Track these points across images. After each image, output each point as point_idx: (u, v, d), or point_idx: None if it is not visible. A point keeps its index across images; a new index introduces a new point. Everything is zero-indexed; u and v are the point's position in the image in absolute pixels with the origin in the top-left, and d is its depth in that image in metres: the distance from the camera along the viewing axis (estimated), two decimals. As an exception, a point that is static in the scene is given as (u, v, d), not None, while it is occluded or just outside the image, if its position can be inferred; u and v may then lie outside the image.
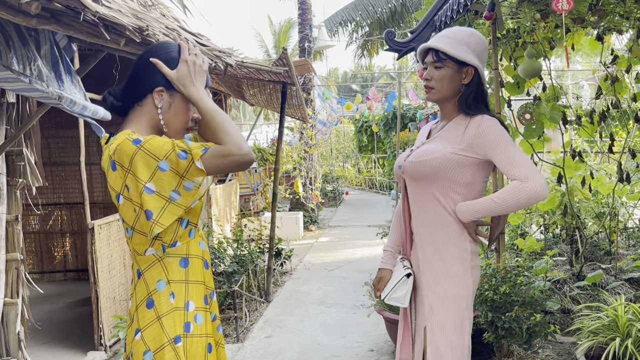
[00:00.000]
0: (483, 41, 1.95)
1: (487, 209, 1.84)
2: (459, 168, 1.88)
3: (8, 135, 2.53)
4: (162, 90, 1.55)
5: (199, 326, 1.58)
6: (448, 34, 1.94)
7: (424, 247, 1.97)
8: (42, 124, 6.24)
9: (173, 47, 1.61)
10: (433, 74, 1.93)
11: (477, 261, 1.98)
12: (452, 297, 1.90)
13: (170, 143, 1.46)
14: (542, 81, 4.72)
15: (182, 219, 1.59)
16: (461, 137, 1.89)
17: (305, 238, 8.91)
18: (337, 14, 14.31)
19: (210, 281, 1.70)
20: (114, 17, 1.58)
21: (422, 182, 1.94)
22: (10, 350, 2.61)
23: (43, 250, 6.64)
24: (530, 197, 1.77)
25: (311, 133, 10.06)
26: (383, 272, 2.13)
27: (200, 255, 1.65)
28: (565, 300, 4.43)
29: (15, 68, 2.04)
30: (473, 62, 1.89)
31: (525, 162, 1.79)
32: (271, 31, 31.04)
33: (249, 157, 1.48)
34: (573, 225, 5.31)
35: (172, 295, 1.54)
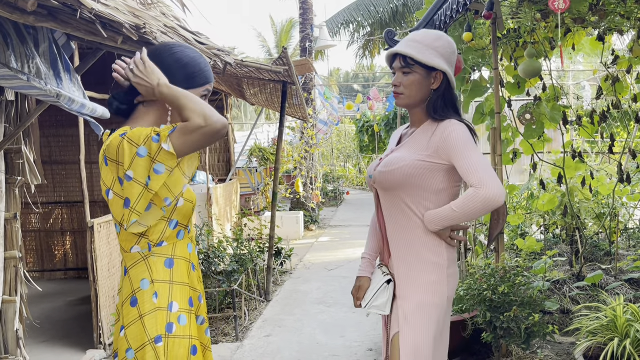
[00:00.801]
0: (451, 44, 1.92)
1: (449, 218, 1.81)
2: (427, 175, 1.85)
3: (7, 133, 2.53)
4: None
5: (182, 327, 1.56)
6: (415, 37, 1.90)
7: (400, 255, 1.93)
8: (43, 122, 6.25)
9: (177, 49, 1.63)
10: (401, 79, 1.89)
11: (454, 268, 1.94)
12: (427, 305, 1.85)
13: (149, 129, 1.48)
14: (542, 81, 4.71)
15: (170, 220, 1.59)
16: (427, 143, 1.86)
17: (306, 237, 8.91)
18: (339, 14, 14.31)
19: (197, 284, 1.69)
20: (110, 15, 1.58)
21: (393, 191, 1.90)
22: (9, 347, 2.61)
23: (43, 248, 6.65)
24: (484, 204, 1.72)
25: (312, 132, 10.06)
26: (361, 280, 2.07)
27: (187, 257, 1.65)
28: (565, 300, 4.42)
29: (13, 65, 2.05)
30: (441, 66, 1.86)
31: (482, 168, 1.74)
32: (273, 31, 31.04)
33: (218, 125, 1.47)
34: (573, 226, 5.30)
35: (155, 295, 1.54)
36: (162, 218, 1.58)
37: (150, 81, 1.52)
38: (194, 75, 1.61)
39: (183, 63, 1.59)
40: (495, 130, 3.70)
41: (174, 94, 1.50)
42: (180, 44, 1.66)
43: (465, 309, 3.51)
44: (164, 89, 1.51)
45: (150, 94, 1.55)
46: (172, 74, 1.57)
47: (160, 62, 1.57)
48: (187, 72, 1.60)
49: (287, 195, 9.83)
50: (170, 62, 1.58)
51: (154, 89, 1.52)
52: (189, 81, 1.59)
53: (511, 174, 8.47)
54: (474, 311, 3.37)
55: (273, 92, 5.86)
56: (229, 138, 8.29)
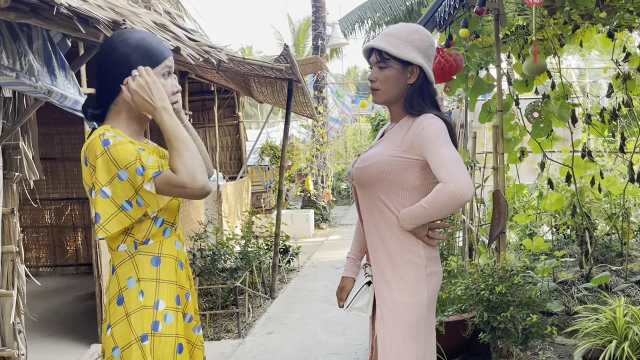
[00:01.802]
0: (428, 37, 1.87)
1: (420, 215, 1.76)
2: (402, 171, 1.81)
3: (5, 129, 2.58)
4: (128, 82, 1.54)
5: (169, 326, 1.56)
6: (391, 32, 1.86)
7: (377, 254, 1.89)
8: (55, 120, 6.36)
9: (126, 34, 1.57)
10: (377, 74, 1.86)
11: (435, 267, 1.88)
12: (403, 306, 1.81)
13: (134, 154, 1.45)
14: (551, 79, 4.63)
15: (156, 218, 1.58)
16: (402, 139, 1.83)
17: (316, 236, 8.91)
18: (353, 12, 14.25)
19: (186, 281, 1.68)
20: (87, 11, 1.59)
21: (368, 188, 1.87)
22: (6, 340, 2.66)
23: (56, 244, 6.76)
24: (451, 199, 1.68)
25: (322, 131, 10.05)
26: (345, 280, 2.05)
27: (174, 255, 1.64)
28: (572, 301, 4.35)
29: (4, 63, 2.08)
30: (417, 60, 1.81)
31: (451, 162, 1.69)
32: (290, 30, 31.07)
33: (202, 192, 1.46)
34: (583, 226, 5.21)
35: (141, 294, 1.54)
36: (150, 216, 1.57)
37: (153, 101, 1.50)
38: (148, 54, 1.56)
39: (133, 46, 1.55)
40: (498, 128, 3.65)
41: (174, 132, 1.47)
42: (130, 30, 1.61)
43: (465, 309, 3.47)
44: (165, 116, 1.49)
45: (144, 109, 1.53)
46: (128, 59, 1.54)
47: (112, 50, 1.54)
48: (141, 53, 1.55)
49: (299, 193, 9.84)
50: (122, 49, 1.54)
51: (153, 107, 1.50)
52: (145, 61, 1.55)
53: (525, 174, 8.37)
54: (473, 311, 3.34)
55: (279, 90, 5.87)
56: (240, 136, 8.33)
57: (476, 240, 4.61)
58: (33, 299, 5.47)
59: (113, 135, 1.50)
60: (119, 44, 1.55)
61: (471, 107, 4.54)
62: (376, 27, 15.28)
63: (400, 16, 14.20)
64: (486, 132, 7.90)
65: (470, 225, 4.83)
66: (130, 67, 1.54)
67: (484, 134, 8.20)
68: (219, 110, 7.51)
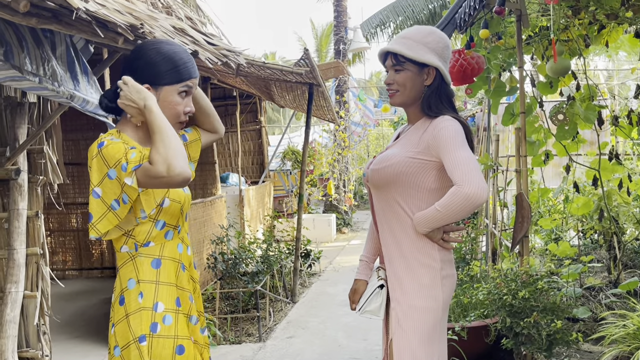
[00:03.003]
0: (442, 39, 1.86)
1: (434, 218, 1.74)
2: (419, 172, 1.79)
3: (30, 133, 2.64)
4: (147, 87, 1.57)
5: (167, 327, 1.56)
6: (406, 34, 1.86)
7: (392, 257, 1.87)
8: (81, 126, 6.49)
9: (155, 45, 1.60)
10: (394, 77, 1.86)
11: (450, 270, 1.87)
12: (419, 309, 1.79)
13: (122, 152, 1.47)
14: (576, 80, 4.55)
15: (157, 220, 1.60)
16: (419, 140, 1.81)
17: (338, 240, 8.90)
18: (375, 16, 14.21)
19: (188, 284, 1.68)
20: (105, 15, 1.62)
21: (384, 190, 1.85)
22: (30, 341, 2.71)
23: (81, 247, 6.88)
24: (465, 202, 1.65)
25: (344, 135, 10.04)
26: (358, 283, 2.04)
27: (176, 258, 1.65)
28: (599, 308, 4.24)
29: (28, 68, 2.12)
30: (433, 62, 1.81)
31: (465, 164, 1.68)
32: (313, 35, 31.20)
33: (180, 178, 1.45)
34: (611, 231, 5.09)
35: (140, 295, 1.56)
36: (148, 219, 1.59)
37: (136, 103, 1.53)
38: (176, 69, 1.59)
39: (165, 56, 1.58)
40: (520, 131, 3.59)
41: (154, 124, 1.50)
42: (167, 41, 1.64)
43: (488, 314, 3.41)
44: (147, 113, 1.51)
45: (134, 114, 1.56)
46: (155, 66, 1.57)
47: (143, 55, 1.57)
48: (170, 65, 1.58)
49: (321, 198, 9.84)
50: (152, 56, 1.57)
51: (139, 109, 1.53)
52: (170, 74, 1.58)
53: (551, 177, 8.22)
54: (495, 316, 3.28)
55: (300, 94, 5.88)
56: (262, 141, 8.38)
57: (499, 244, 4.54)
58: (59, 301, 5.59)
59: (111, 138, 1.53)
60: (151, 50, 1.58)
61: (493, 109, 4.48)
62: (398, 30, 15.21)
63: (423, 19, 14.12)
64: (511, 135, 7.79)
65: (493, 229, 4.76)
66: (155, 74, 1.57)
67: (509, 137, 8.09)
68: (241, 115, 7.57)
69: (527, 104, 4.07)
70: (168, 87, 1.58)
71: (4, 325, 2.60)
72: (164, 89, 1.59)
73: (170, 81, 1.58)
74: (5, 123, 2.82)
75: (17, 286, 2.68)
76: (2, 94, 2.81)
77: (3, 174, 2.77)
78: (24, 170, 2.72)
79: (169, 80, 1.58)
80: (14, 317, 2.63)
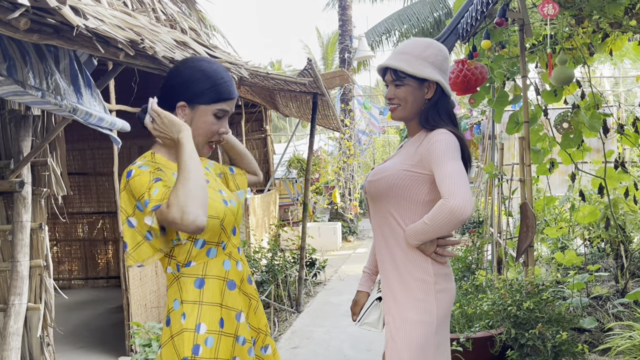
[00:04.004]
0: (441, 51, 1.85)
1: (423, 231, 1.72)
2: (412, 185, 1.78)
3: (34, 146, 2.65)
4: (184, 105, 1.55)
5: (209, 349, 1.52)
6: (404, 49, 1.84)
7: (386, 270, 1.85)
8: (87, 136, 6.53)
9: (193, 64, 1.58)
10: (395, 92, 1.85)
11: (445, 284, 1.82)
12: (411, 322, 1.76)
13: (145, 186, 1.45)
14: (581, 88, 4.53)
15: (196, 240, 1.55)
16: (414, 153, 1.80)
17: (343, 249, 8.87)
18: (380, 24, 14.26)
19: (236, 302, 1.62)
20: (104, 31, 1.63)
21: (379, 202, 1.85)
22: (33, 353, 2.71)
23: (87, 257, 6.91)
24: (449, 216, 1.63)
25: (349, 144, 10.04)
26: (359, 294, 2.04)
27: (221, 276, 1.59)
28: (607, 317, 4.20)
29: (31, 82, 2.14)
30: (433, 76, 1.80)
31: (453, 178, 1.65)
32: (319, 43, 31.28)
33: (192, 227, 1.38)
34: (618, 239, 5.05)
35: (183, 316, 1.53)
36: (187, 239, 1.55)
37: (169, 134, 1.52)
38: (216, 89, 1.57)
39: (207, 75, 1.56)
40: (524, 140, 3.57)
41: (182, 160, 1.46)
42: (209, 60, 1.62)
43: (493, 324, 3.39)
44: (178, 146, 1.49)
45: (167, 142, 1.56)
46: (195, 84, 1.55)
47: (183, 72, 1.56)
48: (210, 84, 1.56)
49: (326, 206, 9.83)
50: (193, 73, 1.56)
51: (173, 139, 1.52)
52: (209, 93, 1.56)
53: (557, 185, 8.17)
54: (500, 327, 3.26)
55: (304, 103, 5.89)
56: (268, 150, 8.39)
57: (504, 253, 4.51)
58: (65, 311, 5.60)
59: (139, 166, 1.50)
60: (190, 67, 1.56)
61: (497, 118, 4.47)
62: (403, 39, 15.24)
63: (427, 27, 14.15)
64: (516, 143, 7.76)
65: (498, 239, 4.73)
66: (192, 92, 1.55)
67: (514, 145, 8.05)
68: (246, 124, 7.60)
69: (532, 112, 4.06)
70: (204, 106, 1.56)
71: (7, 337, 2.61)
72: (199, 108, 1.56)
73: (207, 100, 1.56)
74: (9, 136, 2.84)
75: (21, 298, 2.69)
76: (7, 107, 2.84)
77: (7, 187, 2.79)
78: (28, 182, 2.73)
79: (206, 100, 1.55)
80: (17, 329, 2.64)
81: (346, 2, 10.52)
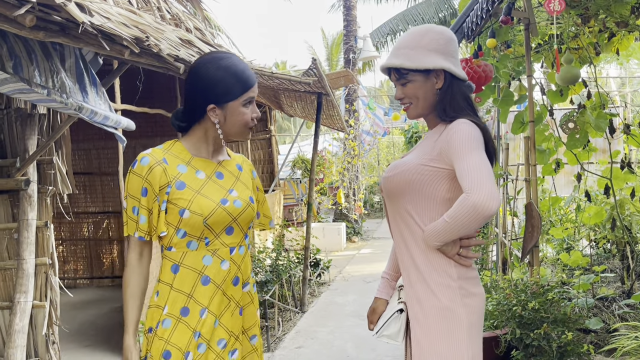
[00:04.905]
0: (441, 34, 1.70)
1: (444, 231, 1.57)
2: (431, 182, 1.63)
3: (39, 144, 2.66)
4: (213, 107, 1.62)
5: (164, 330, 1.62)
6: (401, 44, 1.72)
7: (408, 272, 1.70)
8: (92, 136, 6.55)
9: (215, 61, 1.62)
10: (403, 91, 1.72)
11: (472, 289, 1.67)
12: (438, 332, 1.62)
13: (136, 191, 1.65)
14: (587, 88, 4.51)
15: (178, 229, 1.64)
16: (432, 147, 1.66)
17: (348, 249, 8.86)
18: (385, 25, 14.25)
19: (204, 298, 1.64)
20: (109, 28, 1.63)
21: (396, 199, 1.71)
22: (39, 351, 2.72)
23: (93, 256, 6.92)
24: (472, 212, 1.48)
25: (353, 144, 10.04)
26: (377, 302, 1.89)
27: (197, 269, 1.64)
28: (612, 319, 4.18)
29: (37, 80, 2.15)
30: (436, 64, 1.66)
31: (475, 170, 1.50)
32: (324, 44, 31.30)
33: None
34: (624, 240, 5.02)
35: (157, 293, 1.66)
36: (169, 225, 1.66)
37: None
38: (240, 81, 1.62)
39: (227, 70, 1.60)
40: (530, 140, 3.56)
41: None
42: (222, 54, 1.66)
43: (498, 325, 3.38)
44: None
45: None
46: (220, 83, 1.60)
47: (205, 73, 1.61)
48: (235, 78, 1.61)
49: (331, 206, 9.82)
50: (215, 72, 1.60)
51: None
52: (236, 87, 1.61)
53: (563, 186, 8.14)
54: (505, 327, 3.24)
55: (309, 103, 5.89)
56: (272, 150, 8.40)
57: (509, 254, 4.49)
58: (70, 310, 5.62)
59: (143, 161, 1.66)
60: (210, 69, 1.60)
61: (502, 118, 4.45)
62: (409, 39, 15.21)
63: (432, 28, 14.10)
64: (521, 143, 7.74)
65: (503, 239, 4.72)
66: (219, 93, 1.60)
67: (520, 145, 8.03)
68: (251, 124, 7.58)
69: (537, 112, 4.04)
70: (232, 102, 1.62)
71: (13, 335, 2.62)
72: (229, 106, 1.62)
73: (234, 96, 1.61)
74: (15, 134, 2.86)
75: (26, 296, 2.70)
76: (13, 106, 2.85)
77: (13, 185, 2.81)
78: (34, 180, 2.74)
79: (233, 96, 1.61)
80: (22, 327, 2.65)
81: (351, 3, 10.52)
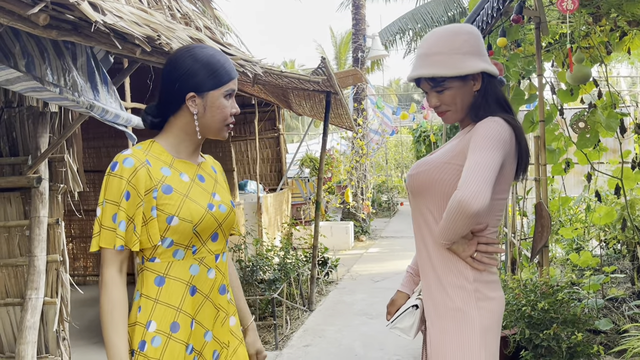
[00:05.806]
0: (471, 34, 1.63)
1: (442, 227, 1.54)
2: (453, 180, 1.57)
3: (51, 142, 2.69)
4: (193, 96, 1.53)
5: (154, 349, 1.47)
6: (432, 49, 1.62)
7: (425, 271, 1.67)
8: (102, 134, 6.59)
9: (192, 51, 1.56)
10: (440, 99, 1.64)
11: (489, 293, 1.60)
12: (452, 334, 1.58)
13: (117, 195, 1.47)
14: (597, 87, 4.48)
15: (164, 238, 1.52)
16: (458, 143, 1.61)
17: (355, 248, 8.86)
18: (394, 24, 14.22)
19: (191, 309, 1.55)
20: (122, 27, 1.64)
21: (419, 197, 1.67)
22: (49, 347, 2.75)
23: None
24: (456, 209, 1.45)
25: (362, 143, 10.03)
26: (398, 294, 1.86)
27: (185, 279, 1.54)
28: (622, 319, 4.15)
29: (49, 79, 2.16)
30: (475, 67, 1.59)
31: (472, 168, 1.46)
32: (332, 43, 31.29)
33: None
34: (634, 241, 4.98)
35: (139, 309, 1.50)
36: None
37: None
38: (216, 73, 1.55)
39: (203, 62, 1.54)
40: (540, 139, 3.54)
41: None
42: (201, 46, 1.59)
43: (507, 325, 3.36)
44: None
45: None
46: (195, 74, 1.53)
47: (180, 64, 1.54)
48: (210, 70, 1.55)
49: (338, 205, 9.82)
50: (190, 64, 1.54)
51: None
52: (212, 79, 1.54)
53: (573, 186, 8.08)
54: (514, 327, 3.23)
55: (318, 102, 5.90)
56: (280, 149, 8.41)
57: (518, 254, 4.48)
58: (80, 307, 5.66)
59: (125, 162, 1.49)
60: (187, 58, 1.54)
61: (513, 117, 4.43)
62: (417, 38, 15.19)
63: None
64: (531, 143, 7.70)
65: (512, 239, 4.70)
66: (197, 82, 1.53)
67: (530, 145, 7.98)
68: (259, 123, 7.61)
69: (547, 112, 4.02)
70: (213, 92, 1.54)
71: (24, 331, 2.64)
72: (209, 95, 1.54)
73: (213, 86, 1.54)
74: (27, 132, 2.88)
75: (37, 293, 2.73)
76: (25, 104, 2.87)
77: (25, 182, 2.83)
78: (45, 178, 2.77)
79: (212, 85, 1.54)
80: (33, 323, 2.67)
81: (360, 2, 10.50)
